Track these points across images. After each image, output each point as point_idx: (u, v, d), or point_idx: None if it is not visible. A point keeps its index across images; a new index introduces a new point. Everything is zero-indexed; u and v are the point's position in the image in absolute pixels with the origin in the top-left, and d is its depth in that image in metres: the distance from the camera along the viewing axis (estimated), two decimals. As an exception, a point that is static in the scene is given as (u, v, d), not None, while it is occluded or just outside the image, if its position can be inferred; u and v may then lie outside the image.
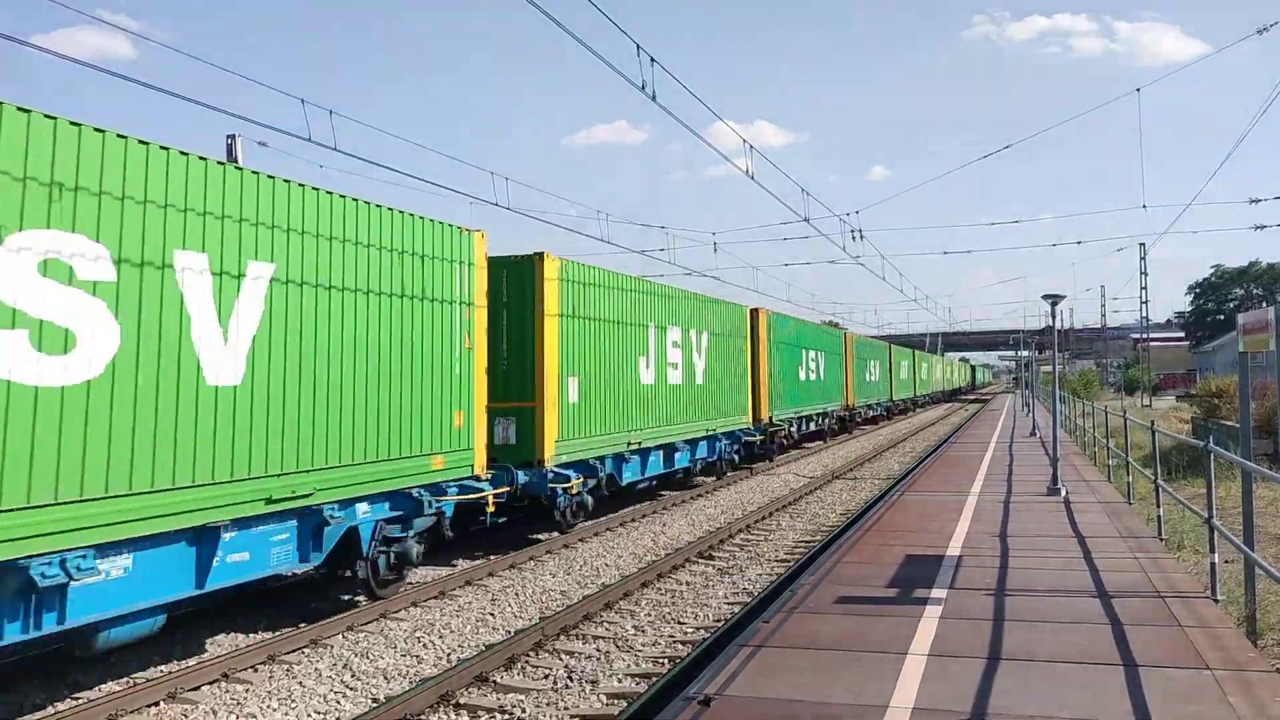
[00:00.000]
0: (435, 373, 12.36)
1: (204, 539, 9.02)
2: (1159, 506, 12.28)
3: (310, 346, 10.27)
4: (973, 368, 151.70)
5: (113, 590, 8.10)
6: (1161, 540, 11.78)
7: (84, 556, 7.71)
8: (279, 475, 9.71)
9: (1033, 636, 7.51)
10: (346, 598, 12.05)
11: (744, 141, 16.99)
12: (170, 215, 8.68)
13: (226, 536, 9.19)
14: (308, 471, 10.09)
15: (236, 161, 11.59)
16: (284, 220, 9.99)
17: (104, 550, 7.97)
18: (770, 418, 28.50)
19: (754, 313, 28.17)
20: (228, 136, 17.27)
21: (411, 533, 11.99)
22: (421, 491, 12.05)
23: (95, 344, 7.93)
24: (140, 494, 8.19)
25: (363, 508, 11.18)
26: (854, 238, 24.85)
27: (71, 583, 7.62)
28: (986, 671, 6.65)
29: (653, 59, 11.94)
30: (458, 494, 12.80)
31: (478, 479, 13.23)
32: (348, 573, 11.40)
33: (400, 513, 11.85)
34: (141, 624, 8.50)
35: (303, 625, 10.72)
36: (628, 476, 18.68)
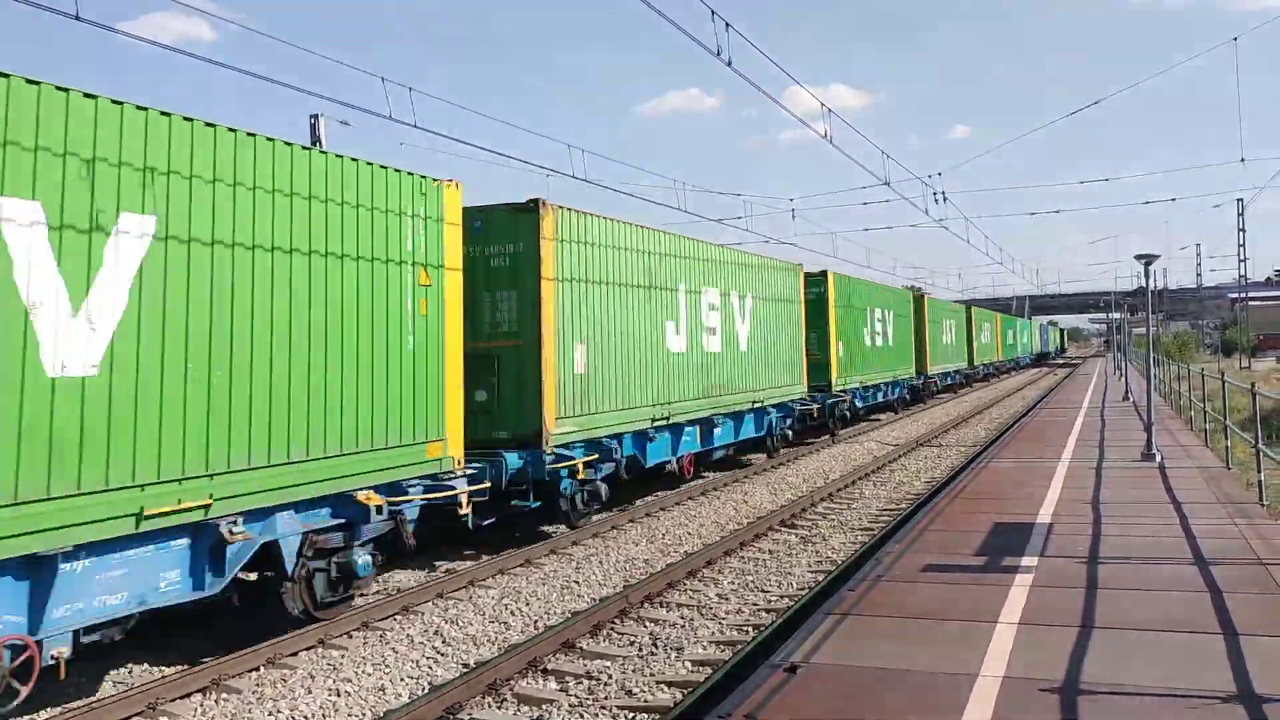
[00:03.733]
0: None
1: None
2: (1260, 471, 11.87)
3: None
4: (1061, 331, 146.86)
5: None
6: (1263, 505, 11.40)
7: None
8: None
9: (1127, 605, 7.34)
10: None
11: (821, 105, 16.74)
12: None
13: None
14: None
15: (321, 141, 11.75)
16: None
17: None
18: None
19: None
20: (311, 116, 17.67)
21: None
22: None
23: None
24: None
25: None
26: (936, 200, 24.39)
27: None
28: (1079, 640, 6.52)
29: (728, 24, 11.81)
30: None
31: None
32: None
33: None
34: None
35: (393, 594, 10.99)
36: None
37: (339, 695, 8.12)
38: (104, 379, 7.46)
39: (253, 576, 9.63)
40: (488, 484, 11.93)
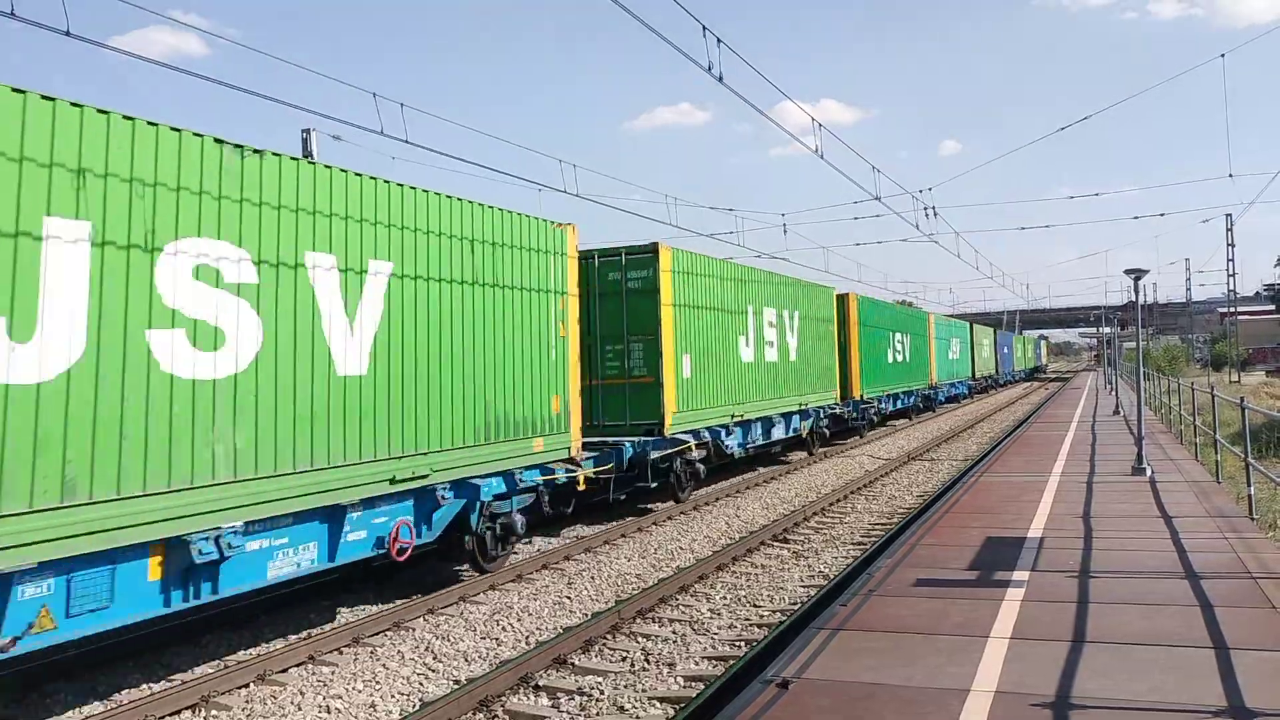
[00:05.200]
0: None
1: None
2: (1250, 485, 11.90)
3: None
4: (1039, 343, 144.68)
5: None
6: (1253, 520, 11.43)
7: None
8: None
9: (1118, 619, 7.35)
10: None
11: (813, 120, 16.80)
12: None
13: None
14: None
15: (311, 155, 11.92)
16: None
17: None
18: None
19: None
20: (303, 131, 17.69)
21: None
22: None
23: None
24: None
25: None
26: (927, 215, 24.48)
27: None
28: (1071, 655, 6.53)
29: (719, 39, 11.86)
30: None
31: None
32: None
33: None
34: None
35: (385, 607, 10.96)
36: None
37: (329, 712, 8.08)
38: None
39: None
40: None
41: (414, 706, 8.17)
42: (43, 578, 7.09)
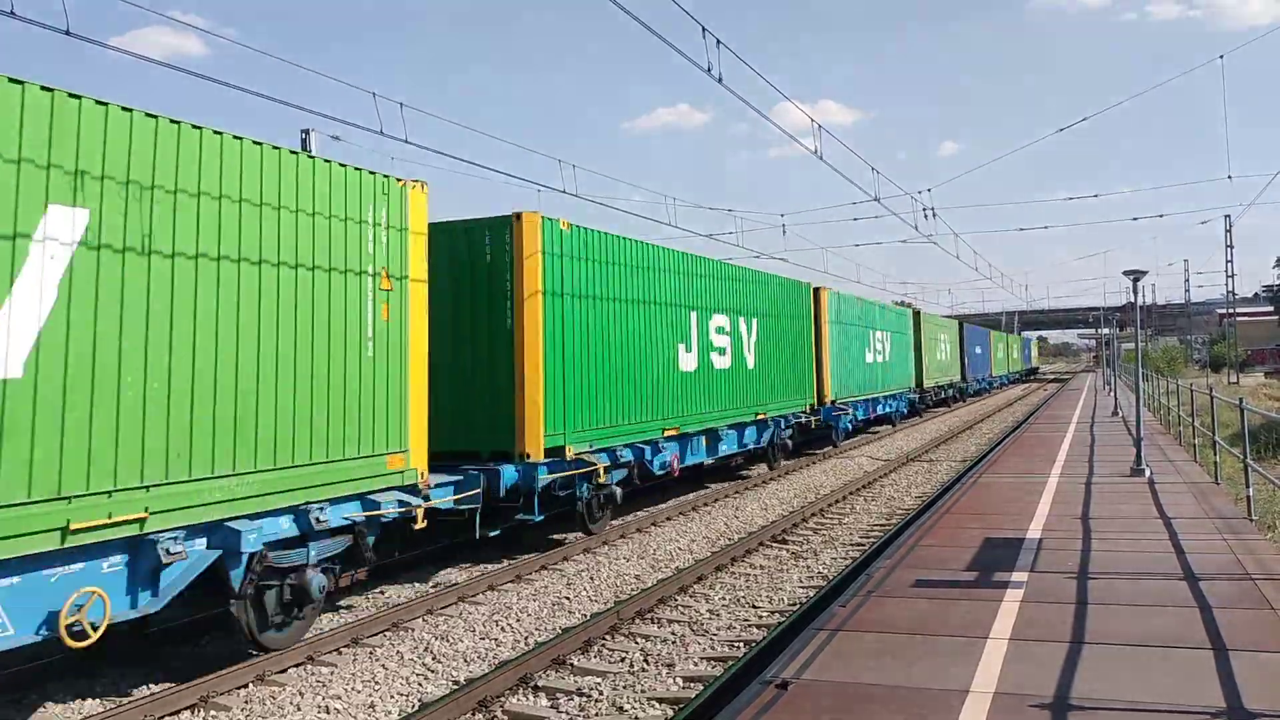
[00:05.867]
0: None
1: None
2: (1249, 486, 11.91)
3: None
4: (1038, 345, 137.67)
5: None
6: (1251, 521, 11.43)
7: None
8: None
9: (1117, 620, 7.36)
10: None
11: (812, 121, 16.84)
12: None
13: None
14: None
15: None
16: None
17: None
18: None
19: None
20: (302, 131, 17.69)
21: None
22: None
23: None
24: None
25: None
26: (926, 216, 24.52)
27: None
28: (1070, 656, 6.53)
29: (719, 40, 11.88)
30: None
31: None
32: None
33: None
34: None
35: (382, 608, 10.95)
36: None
37: (328, 713, 8.08)
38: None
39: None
40: None
41: (413, 707, 8.17)
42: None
